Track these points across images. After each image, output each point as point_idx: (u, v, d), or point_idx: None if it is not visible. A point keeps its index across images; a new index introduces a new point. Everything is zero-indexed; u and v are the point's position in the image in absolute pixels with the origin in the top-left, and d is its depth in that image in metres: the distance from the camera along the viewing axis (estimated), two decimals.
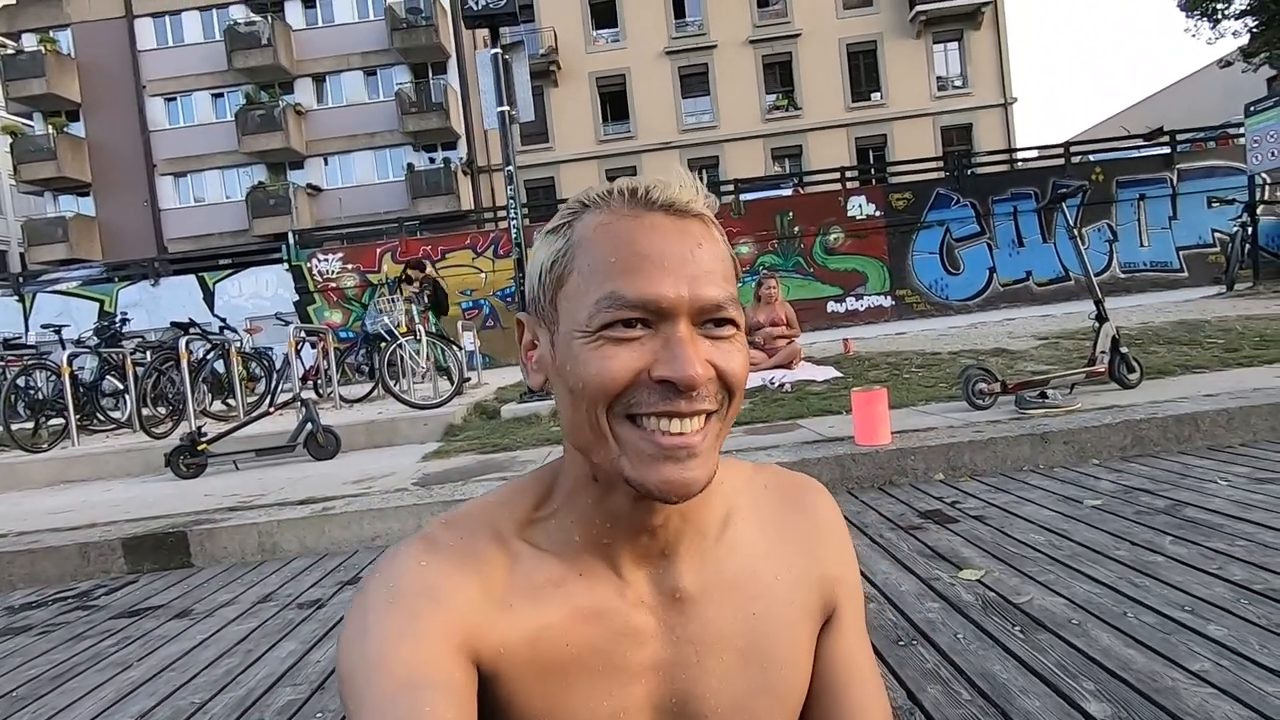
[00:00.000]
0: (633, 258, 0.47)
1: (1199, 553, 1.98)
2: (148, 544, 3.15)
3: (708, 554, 0.55)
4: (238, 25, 22.39)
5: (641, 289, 0.46)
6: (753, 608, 0.55)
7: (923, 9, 21.77)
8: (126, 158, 23.10)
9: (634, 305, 0.46)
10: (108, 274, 13.11)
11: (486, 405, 5.83)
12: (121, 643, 2.28)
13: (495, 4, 5.43)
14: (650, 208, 0.48)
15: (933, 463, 3.18)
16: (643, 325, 0.47)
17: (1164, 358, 4.73)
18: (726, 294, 0.48)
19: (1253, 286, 8.52)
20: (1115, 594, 1.78)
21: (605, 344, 0.46)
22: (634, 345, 0.47)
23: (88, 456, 5.36)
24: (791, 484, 0.63)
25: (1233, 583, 1.76)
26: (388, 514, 3.16)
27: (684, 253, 0.47)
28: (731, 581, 0.55)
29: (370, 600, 0.49)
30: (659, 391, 0.46)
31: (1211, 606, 1.64)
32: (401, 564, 0.51)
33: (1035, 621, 1.68)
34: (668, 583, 0.54)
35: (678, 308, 0.47)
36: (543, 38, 22.10)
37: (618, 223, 0.48)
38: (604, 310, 0.46)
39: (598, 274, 0.47)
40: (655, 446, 0.46)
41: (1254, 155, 8.86)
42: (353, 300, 11.91)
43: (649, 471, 0.46)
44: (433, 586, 0.49)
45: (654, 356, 0.46)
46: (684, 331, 0.47)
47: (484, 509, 0.55)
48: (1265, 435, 3.18)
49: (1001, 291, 12.08)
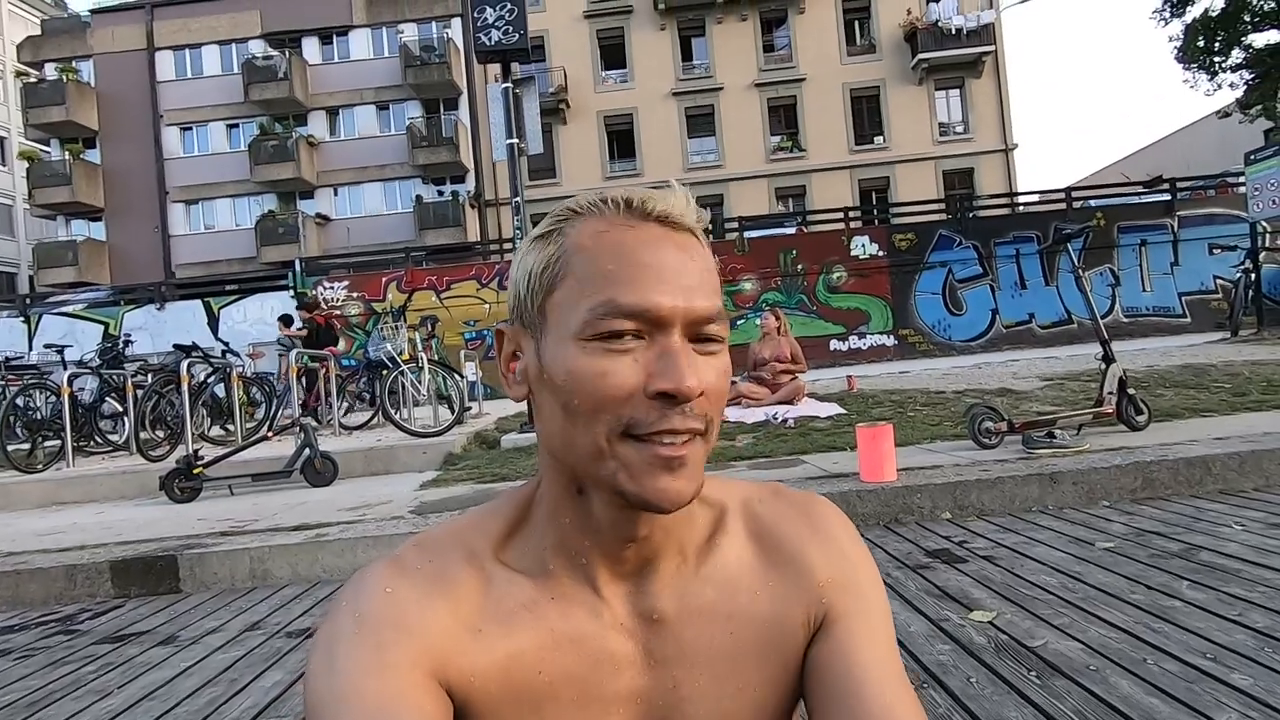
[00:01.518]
0: (631, 267, 0.46)
1: (1217, 598, 1.91)
2: (136, 567, 3.08)
3: (688, 574, 0.54)
4: (255, 59, 22.94)
5: (640, 297, 0.46)
6: (730, 627, 0.53)
7: (925, 57, 22.26)
8: (140, 184, 23.45)
9: (631, 313, 0.46)
10: (114, 297, 13.18)
11: (487, 435, 5.78)
12: (102, 669, 2.20)
13: (508, 41, 5.56)
14: (646, 218, 0.48)
15: (939, 501, 3.12)
16: (634, 337, 0.46)
17: (1171, 401, 4.69)
18: (716, 307, 0.48)
19: (1257, 332, 8.50)
20: (1133, 639, 1.71)
21: (599, 353, 0.46)
22: (628, 358, 0.46)
23: (82, 478, 5.30)
24: (790, 499, 0.60)
25: (1255, 630, 1.69)
26: (382, 542, 3.09)
27: (679, 264, 0.47)
28: (711, 602, 0.54)
29: (337, 630, 0.47)
30: (657, 408, 0.45)
31: (1235, 655, 1.58)
32: (368, 590, 0.49)
33: (1051, 666, 1.62)
34: (645, 603, 0.52)
35: (673, 318, 0.46)
36: (553, 77, 22.58)
37: (614, 231, 0.48)
38: (600, 318, 0.46)
39: (594, 280, 0.46)
40: (655, 457, 0.46)
41: (1255, 203, 8.94)
42: (356, 328, 11.94)
43: (646, 481, 0.46)
44: (400, 614, 0.48)
45: (648, 369, 0.46)
46: (678, 342, 0.46)
47: (457, 529, 0.54)
48: (1279, 480, 3.12)
49: (1004, 333, 12.08)
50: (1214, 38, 13.37)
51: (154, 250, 23.31)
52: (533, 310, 0.50)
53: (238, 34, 23.65)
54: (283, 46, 23.45)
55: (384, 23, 23.60)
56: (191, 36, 23.68)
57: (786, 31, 23.61)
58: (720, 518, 0.57)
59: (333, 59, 23.90)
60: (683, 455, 0.46)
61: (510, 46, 5.54)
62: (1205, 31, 13.35)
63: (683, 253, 0.48)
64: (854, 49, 23.44)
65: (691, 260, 0.48)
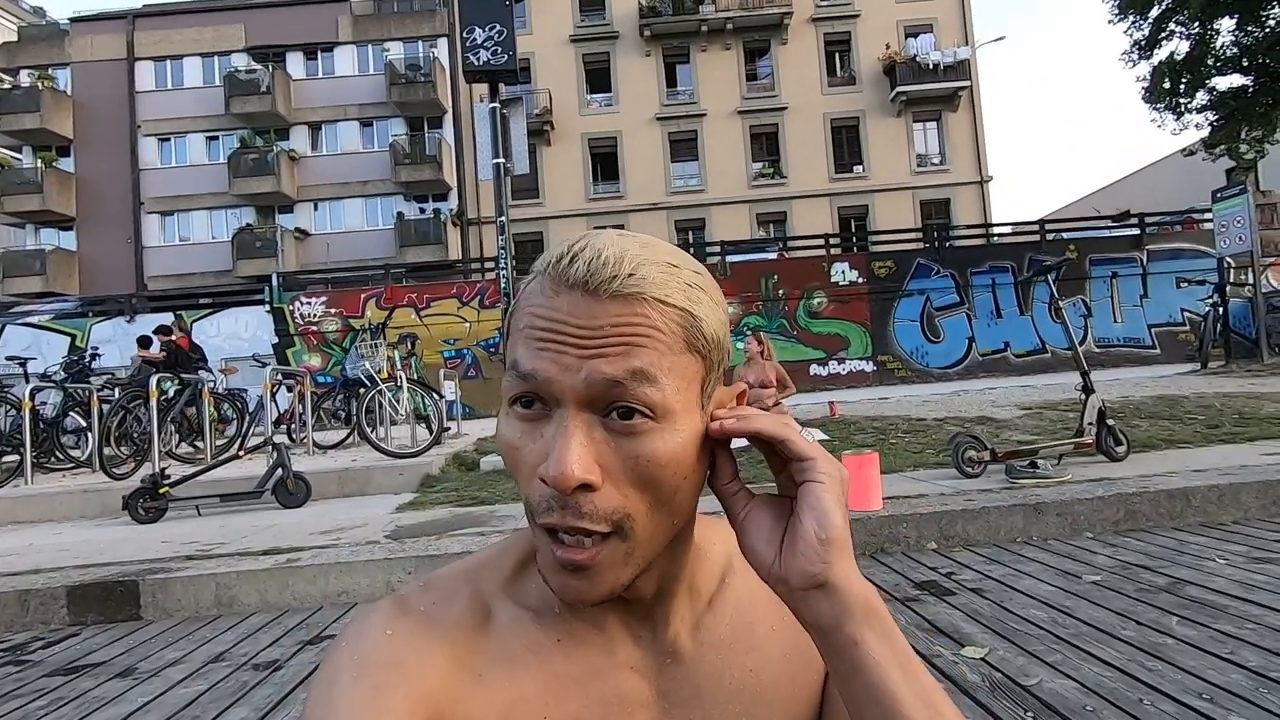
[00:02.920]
0: (533, 328, 0.43)
1: (1209, 635, 1.90)
2: (94, 593, 2.94)
3: (701, 611, 0.52)
4: (238, 72, 22.78)
5: (532, 362, 0.43)
6: (749, 663, 0.51)
7: (903, 90, 22.80)
8: (114, 194, 23.03)
9: (525, 377, 0.43)
10: (82, 308, 12.85)
11: (466, 456, 5.67)
12: (54, 704, 2.08)
13: (496, 61, 5.56)
14: (565, 283, 0.43)
15: (925, 531, 3.10)
16: (541, 405, 0.43)
17: (1147, 431, 4.75)
18: (630, 369, 0.41)
19: (1225, 365, 8.71)
20: (1128, 678, 1.69)
21: (515, 420, 0.44)
22: (537, 430, 0.43)
23: (41, 496, 5.09)
24: None
25: (1249, 669, 1.68)
26: (356, 568, 2.99)
27: (585, 332, 0.42)
28: (728, 639, 0.52)
29: (335, 670, 0.45)
30: (547, 497, 0.42)
31: (1231, 695, 1.56)
32: (369, 631, 0.47)
33: (1047, 707, 1.58)
34: (659, 645, 0.50)
35: (561, 388, 0.42)
36: (538, 99, 22.72)
37: (536, 294, 0.45)
38: (510, 382, 0.44)
39: (515, 339, 0.45)
40: (553, 558, 0.44)
41: (1222, 239, 9.21)
42: (333, 345, 11.75)
43: (551, 575, 0.45)
44: (399, 658, 0.45)
45: (546, 449, 0.42)
46: (570, 420, 0.42)
47: (468, 568, 0.52)
48: (1257, 513, 3.16)
49: (981, 361, 12.25)
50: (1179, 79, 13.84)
51: (126, 261, 22.85)
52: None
53: (221, 47, 23.50)
54: (266, 61, 23.33)
55: (370, 40, 23.61)
56: (173, 48, 23.46)
57: (769, 61, 24.07)
58: (729, 558, 0.55)
59: (317, 74, 23.81)
60: (582, 560, 0.42)
61: (499, 67, 5.53)
62: (1171, 74, 13.82)
63: (599, 316, 0.42)
64: (834, 80, 23.95)
65: (613, 324, 0.42)
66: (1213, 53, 13.52)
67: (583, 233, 0.46)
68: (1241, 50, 13.40)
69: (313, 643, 2.47)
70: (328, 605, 2.93)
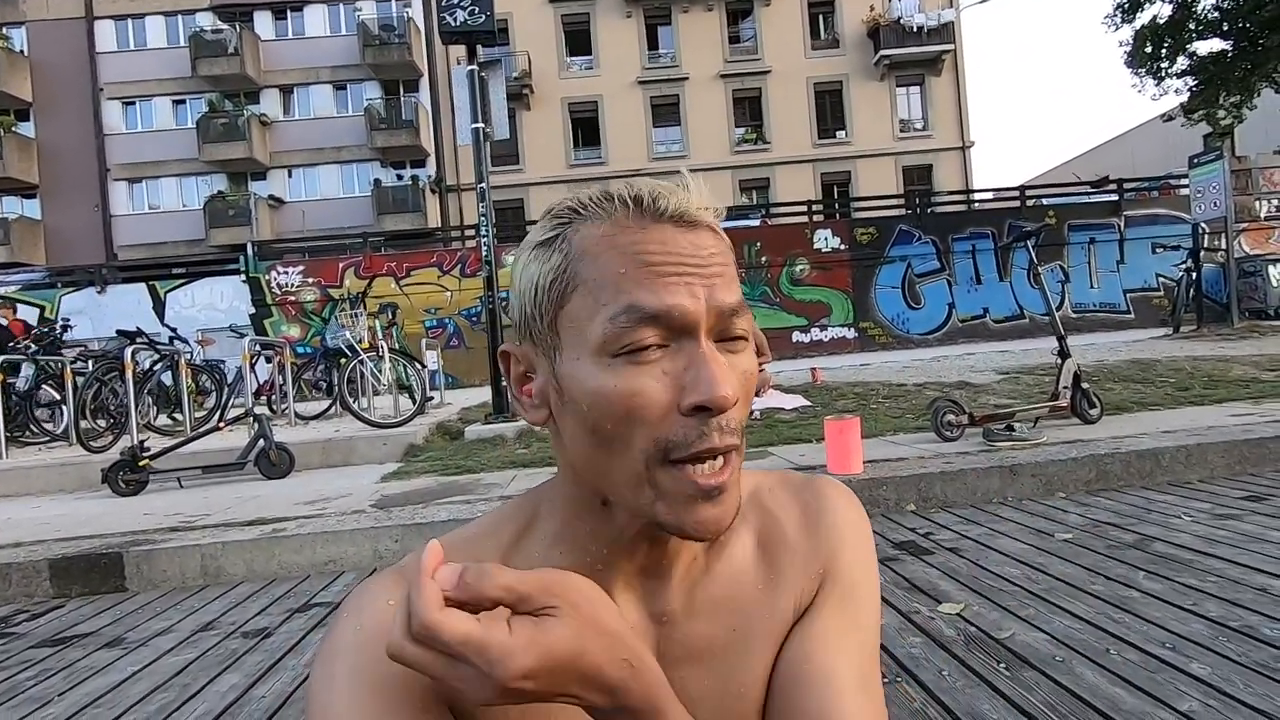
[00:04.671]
0: (645, 269, 0.43)
1: (1172, 588, 1.98)
2: (78, 566, 2.93)
3: (698, 572, 0.53)
4: (204, 33, 21.96)
5: (660, 299, 0.43)
6: (732, 622, 0.52)
7: (886, 54, 22.58)
8: (78, 161, 22.29)
9: (654, 317, 0.43)
10: (51, 279, 12.52)
11: (449, 425, 5.67)
12: (41, 675, 2.08)
13: (473, 22, 5.41)
14: (659, 218, 0.45)
15: (904, 493, 3.17)
16: (658, 346, 0.43)
17: (1120, 394, 4.85)
18: (740, 299, 0.46)
19: (1197, 329, 8.89)
20: (1096, 630, 1.76)
21: (625, 369, 0.43)
22: (655, 369, 0.43)
23: (17, 470, 5.02)
24: (795, 486, 0.58)
25: (1210, 619, 1.75)
26: (343, 537, 3.00)
27: (698, 261, 0.44)
28: (716, 598, 0.52)
29: (338, 642, 0.46)
30: (694, 425, 0.43)
31: (1192, 644, 1.63)
32: (370, 601, 0.47)
33: (1019, 658, 1.65)
34: (657, 604, 0.51)
35: (698, 318, 0.44)
36: (517, 61, 22.20)
37: (623, 234, 0.44)
38: (621, 329, 0.43)
39: (608, 288, 0.43)
40: (695, 487, 0.44)
41: (1197, 205, 9.32)
42: (312, 315, 11.59)
43: (686, 514, 0.44)
44: None
45: (679, 382, 0.43)
46: (706, 347, 0.44)
47: (465, 538, 0.52)
48: (1222, 472, 3.26)
49: (960, 327, 12.39)
50: (1161, 44, 13.85)
51: (94, 230, 22.23)
52: (543, 326, 0.46)
53: (184, 5, 22.60)
54: (233, 20, 22.49)
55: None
56: (134, 6, 22.51)
57: (752, 23, 23.67)
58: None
59: (287, 35, 23.03)
60: (723, 481, 0.44)
61: (476, 28, 5.39)
62: (1153, 38, 13.83)
63: (700, 246, 0.45)
64: (818, 43, 23.64)
65: (711, 252, 0.45)
66: (1194, 16, 13.52)
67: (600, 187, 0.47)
68: (1222, 14, 13.42)
69: (301, 610, 2.49)
70: (315, 574, 2.94)
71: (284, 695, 1.81)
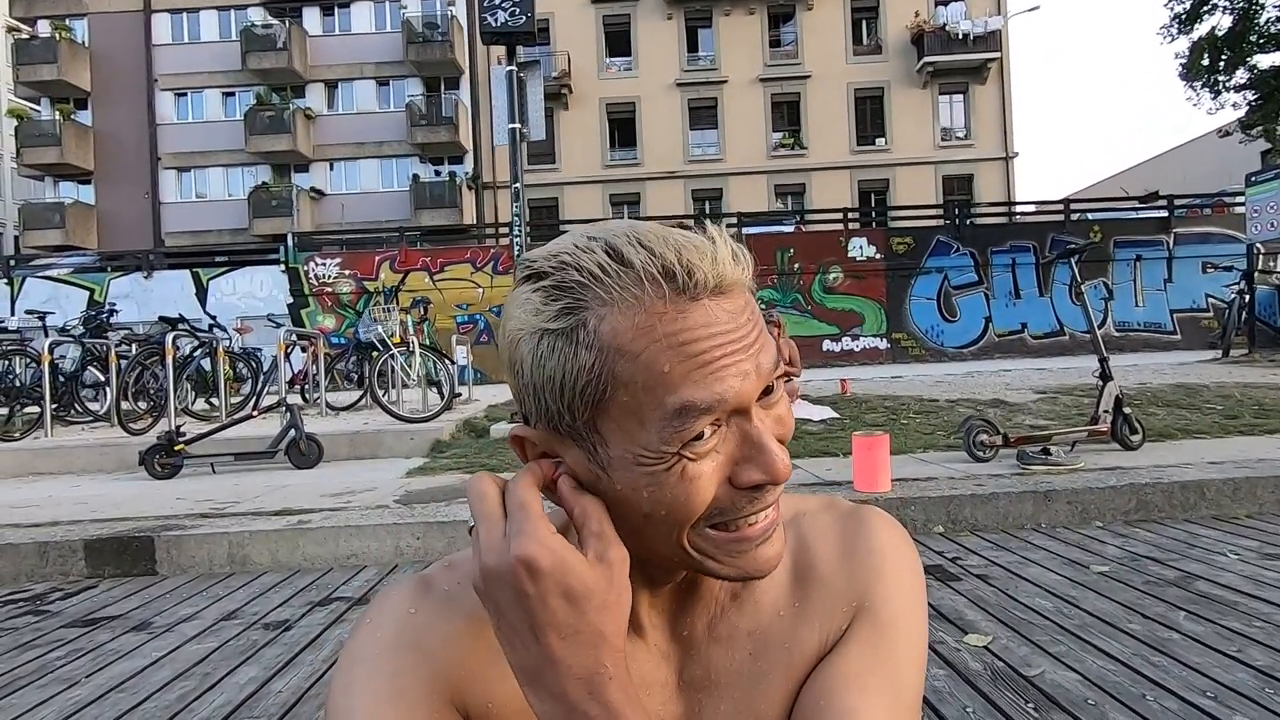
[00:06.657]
0: (692, 360, 0.40)
1: (1215, 632, 1.89)
2: (111, 547, 3.00)
3: (724, 596, 0.52)
4: (254, 27, 22.54)
5: (713, 391, 0.40)
6: (750, 648, 0.51)
7: (930, 61, 22.20)
8: (131, 149, 23.05)
9: (709, 410, 0.40)
10: (101, 263, 12.94)
11: (476, 422, 5.70)
12: (71, 655, 2.13)
13: (514, 22, 5.43)
14: (696, 296, 0.40)
15: (933, 515, 3.09)
16: (711, 429, 0.41)
17: (1164, 420, 4.68)
18: (773, 357, 0.44)
19: (1248, 354, 8.55)
20: (1132, 673, 1.68)
21: (683, 461, 0.41)
22: (711, 454, 0.42)
23: (60, 449, 5.19)
24: (838, 512, 0.56)
25: (1256, 669, 1.66)
26: (365, 532, 3.03)
27: (740, 334, 0.41)
28: (740, 626, 0.52)
29: (358, 649, 0.47)
30: (747, 496, 0.43)
31: (1236, 694, 1.55)
32: (392, 610, 0.49)
33: (1049, 699, 1.58)
34: (680, 627, 0.51)
35: (750, 397, 0.42)
36: (556, 61, 22.34)
37: (660, 323, 0.39)
38: (678, 430, 0.40)
39: (656, 389, 0.40)
40: (748, 541, 0.44)
41: (1253, 225, 8.96)
42: (347, 306, 11.80)
43: (743, 562, 0.45)
44: (420, 637, 0.47)
45: (733, 459, 0.42)
46: (759, 422, 0.43)
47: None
48: (1272, 508, 3.12)
49: (997, 342, 12.10)
50: (1219, 56, 13.38)
51: (143, 217, 22.95)
52: (576, 424, 0.42)
53: (237, 0, 23.22)
54: (283, 15, 23.04)
55: None
56: (189, 0, 23.22)
57: (793, 27, 23.47)
58: None
59: (333, 31, 23.53)
60: (771, 521, 0.45)
61: (516, 29, 5.42)
62: (1211, 50, 13.36)
63: (737, 313, 0.42)
64: (860, 49, 23.35)
65: (748, 316, 0.42)
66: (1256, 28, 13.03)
67: (591, 236, 0.42)
68: None
69: (322, 604, 2.52)
70: (337, 567, 2.97)
71: (300, 691, 1.82)
